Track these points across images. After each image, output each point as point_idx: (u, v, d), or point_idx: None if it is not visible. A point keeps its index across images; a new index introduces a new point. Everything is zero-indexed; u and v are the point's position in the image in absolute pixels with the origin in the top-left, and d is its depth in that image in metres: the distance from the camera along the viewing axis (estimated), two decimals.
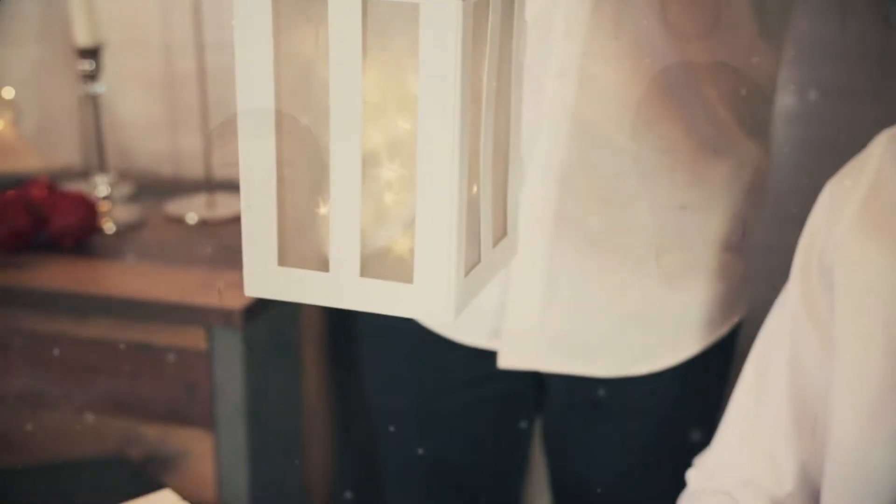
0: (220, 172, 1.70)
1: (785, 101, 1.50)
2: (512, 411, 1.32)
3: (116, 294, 1.37)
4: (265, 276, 0.74)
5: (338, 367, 1.63)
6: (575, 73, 1.07)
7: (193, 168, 1.82)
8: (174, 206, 1.63)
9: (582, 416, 1.27)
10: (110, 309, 1.37)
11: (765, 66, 1.14)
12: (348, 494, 1.64)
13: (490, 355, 1.24)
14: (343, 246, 0.71)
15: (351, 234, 0.70)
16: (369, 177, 0.70)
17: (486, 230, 0.75)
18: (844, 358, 0.88)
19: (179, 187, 1.74)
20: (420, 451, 1.34)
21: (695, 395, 1.23)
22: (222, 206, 1.62)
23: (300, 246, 0.74)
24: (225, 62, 1.62)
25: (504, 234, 0.80)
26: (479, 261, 0.74)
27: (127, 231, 1.56)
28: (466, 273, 0.72)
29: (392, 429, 1.35)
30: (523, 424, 1.34)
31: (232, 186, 1.54)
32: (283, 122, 0.69)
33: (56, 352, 1.39)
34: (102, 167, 1.58)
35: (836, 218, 0.91)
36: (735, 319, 1.23)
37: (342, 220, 0.70)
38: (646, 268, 1.16)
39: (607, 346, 1.20)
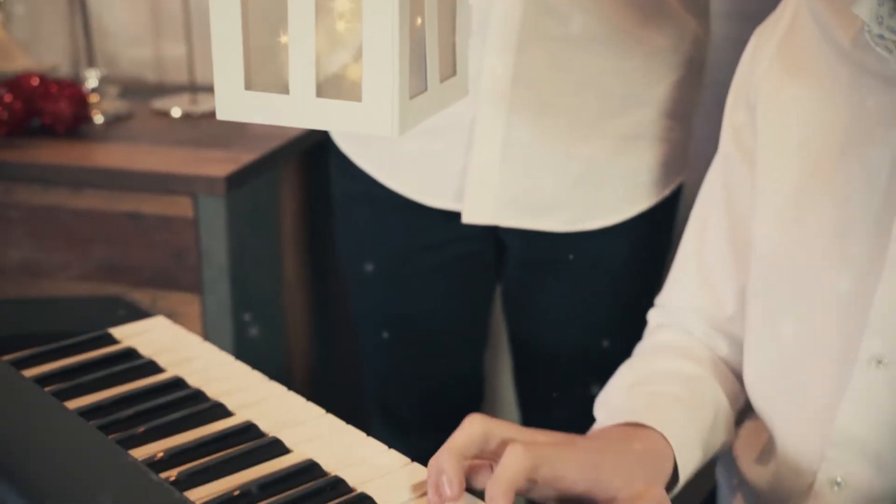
0: (201, 77, 1.77)
1: None
2: (475, 273, 1.39)
3: (108, 167, 1.46)
4: (234, 100, 0.81)
5: (315, 239, 1.71)
6: None
7: (177, 74, 1.87)
8: (159, 103, 1.71)
9: (539, 272, 1.34)
10: (102, 181, 1.46)
11: None
12: (327, 360, 1.72)
13: (454, 218, 1.31)
14: (300, 71, 0.78)
15: (307, 60, 0.78)
16: (323, 9, 0.77)
17: (433, 63, 0.82)
18: (764, 175, 0.96)
19: (163, 91, 1.81)
20: (389, 313, 1.42)
21: (643, 249, 1.31)
22: (204, 102, 1.70)
23: (265, 74, 0.82)
24: None
25: (453, 73, 0.87)
26: (425, 89, 0.82)
27: (115, 122, 1.65)
28: (411, 97, 0.79)
29: (363, 291, 1.43)
30: (486, 288, 1.43)
31: (213, 88, 1.61)
32: None
33: (53, 224, 1.48)
34: (91, 62, 1.64)
35: (758, 60, 0.99)
36: (678, 180, 1.31)
37: (299, 47, 0.78)
38: (596, 130, 1.24)
39: (561, 204, 1.27)
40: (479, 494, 0.80)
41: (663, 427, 0.94)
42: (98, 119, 1.62)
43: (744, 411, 1.05)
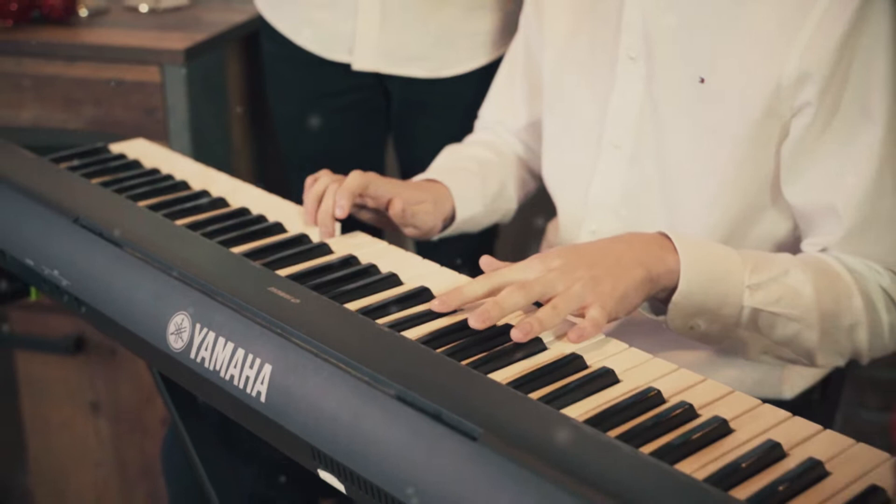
0: None
1: None
2: (369, 116, 1.77)
3: (94, 43, 1.84)
4: None
5: (256, 100, 2.07)
6: None
7: None
8: (130, 1, 2.08)
9: (414, 112, 1.74)
10: (90, 55, 1.82)
11: None
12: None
13: (348, 69, 1.69)
14: None
15: None
16: None
17: None
18: (548, 25, 1.34)
19: None
20: (303, 152, 1.77)
21: (482, 93, 1.58)
22: (165, 1, 2.07)
23: None
24: None
25: None
26: None
27: (96, 14, 2.00)
28: None
29: (285, 133, 1.80)
30: (379, 131, 1.81)
31: None
32: None
33: (54, 88, 1.86)
34: None
35: None
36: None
37: None
38: (449, 2, 1.64)
39: (425, 56, 1.67)
40: None
41: (450, 184, 1.33)
42: (83, 13, 1.97)
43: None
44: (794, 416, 0.84)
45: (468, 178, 1.37)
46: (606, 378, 0.89)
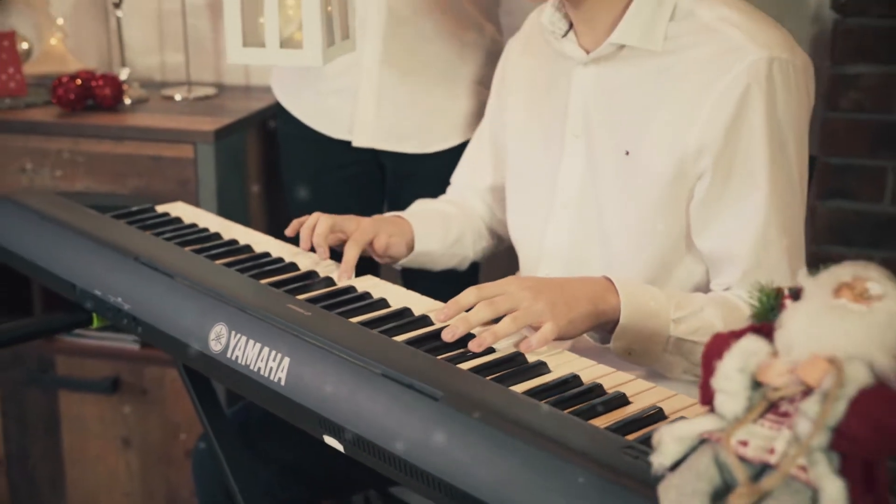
0: (194, 76, 2.44)
1: None
2: (367, 187, 2.04)
3: (138, 125, 2.14)
4: (236, 52, 1.51)
5: (271, 173, 2.35)
6: None
7: (175, 75, 2.52)
8: (166, 91, 2.38)
9: (404, 182, 2.00)
10: (135, 135, 2.12)
11: None
12: None
13: (349, 146, 1.96)
14: (271, 35, 1.48)
15: (273, 29, 1.48)
16: (281, 5, 1.49)
17: (336, 30, 1.52)
18: (510, 107, 1.60)
19: (167, 85, 2.47)
20: (311, 211, 2.01)
21: None
22: (196, 91, 2.38)
23: (252, 37, 1.50)
24: (197, 3, 2.38)
25: (347, 36, 1.58)
26: (333, 43, 1.53)
27: (138, 103, 2.31)
28: (327, 47, 1.51)
29: (294, 202, 2.05)
30: (375, 199, 2.06)
31: (202, 84, 2.31)
32: None
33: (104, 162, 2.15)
34: (123, 63, 2.34)
35: (510, 48, 1.65)
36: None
37: (270, 24, 1.49)
38: (433, 91, 1.92)
39: (415, 135, 1.94)
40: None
41: (411, 220, 1.58)
42: (127, 101, 2.26)
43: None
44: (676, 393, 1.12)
45: (430, 221, 1.63)
46: (541, 368, 1.17)
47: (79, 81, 2.20)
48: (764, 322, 0.85)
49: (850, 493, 0.73)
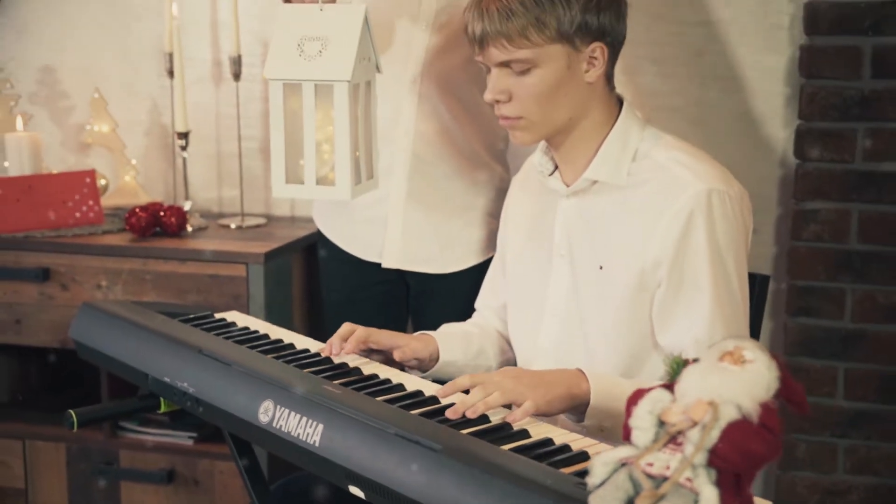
0: (247, 208, 2.77)
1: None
2: (394, 303, 2.29)
3: (199, 249, 2.45)
4: (280, 189, 1.82)
5: (312, 288, 2.65)
6: (412, 130, 2.16)
7: (231, 206, 2.86)
8: (223, 221, 2.71)
9: (427, 299, 2.26)
10: (196, 257, 2.44)
11: (500, 129, 2.25)
12: None
13: (379, 267, 2.22)
14: (309, 174, 1.79)
15: (312, 170, 1.79)
16: (318, 149, 1.81)
17: (363, 171, 1.84)
18: (510, 237, 1.88)
19: (224, 216, 2.82)
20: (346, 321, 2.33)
21: (477, 284, 2.01)
22: (248, 221, 2.71)
23: (294, 176, 1.81)
24: (251, 147, 2.72)
25: (372, 176, 1.91)
26: (360, 182, 1.85)
27: (198, 230, 2.63)
28: (355, 185, 1.82)
29: (332, 316, 2.32)
30: (401, 314, 2.32)
31: (253, 215, 2.65)
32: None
33: (165, 287, 2.47)
34: (187, 196, 2.68)
35: (513, 185, 1.94)
36: (492, 252, 2.26)
37: (308, 163, 1.80)
38: (450, 222, 2.20)
39: (436, 258, 2.21)
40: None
41: (437, 337, 1.82)
42: (189, 228, 2.58)
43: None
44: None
45: (453, 336, 1.88)
46: (523, 433, 1.44)
47: (148, 212, 2.53)
48: (672, 381, 1.12)
49: (723, 498, 1.00)
